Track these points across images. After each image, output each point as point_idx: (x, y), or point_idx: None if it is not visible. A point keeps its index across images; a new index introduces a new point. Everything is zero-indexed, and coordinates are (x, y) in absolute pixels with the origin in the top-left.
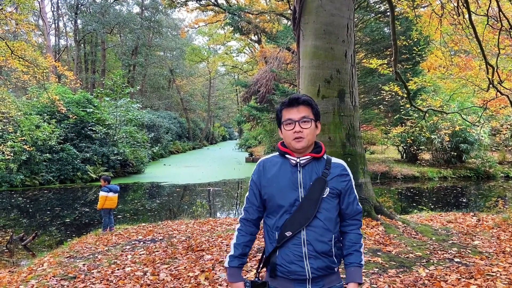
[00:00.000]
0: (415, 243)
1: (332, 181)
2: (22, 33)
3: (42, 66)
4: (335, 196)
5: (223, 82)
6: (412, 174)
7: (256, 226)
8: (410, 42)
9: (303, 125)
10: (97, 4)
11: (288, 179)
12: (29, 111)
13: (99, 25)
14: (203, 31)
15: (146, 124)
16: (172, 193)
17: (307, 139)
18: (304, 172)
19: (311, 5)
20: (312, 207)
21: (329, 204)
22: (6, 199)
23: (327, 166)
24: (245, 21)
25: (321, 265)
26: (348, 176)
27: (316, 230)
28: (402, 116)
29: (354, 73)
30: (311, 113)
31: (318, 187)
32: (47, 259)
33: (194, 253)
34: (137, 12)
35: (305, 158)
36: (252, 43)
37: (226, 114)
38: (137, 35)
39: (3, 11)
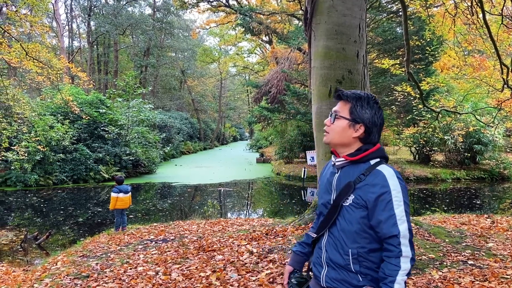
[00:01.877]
0: (428, 245)
1: (361, 189)
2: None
3: (56, 67)
4: (360, 208)
5: (234, 82)
6: (425, 175)
7: None
8: (423, 42)
9: (332, 120)
10: (109, 6)
11: (327, 180)
12: (43, 111)
13: (111, 27)
14: (214, 32)
15: (157, 124)
16: (184, 193)
17: (331, 135)
18: (340, 175)
19: (323, 6)
20: (334, 213)
21: (350, 215)
22: (20, 199)
23: (366, 172)
24: (256, 21)
25: (335, 276)
26: (385, 188)
27: (333, 238)
28: (414, 117)
29: (366, 73)
30: (346, 111)
31: (343, 192)
32: (61, 258)
33: (205, 253)
34: (149, 14)
35: (340, 160)
36: (263, 43)
37: (237, 114)
38: (149, 36)
39: (18, 13)
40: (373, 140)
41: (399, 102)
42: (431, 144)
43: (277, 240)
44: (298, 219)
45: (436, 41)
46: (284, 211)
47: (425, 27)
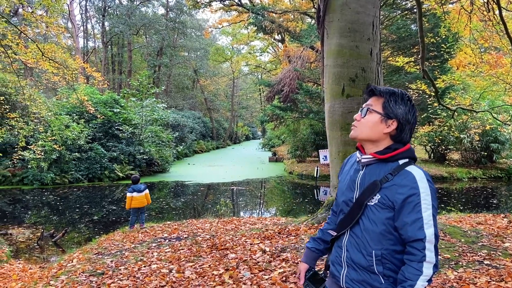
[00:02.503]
0: (444, 245)
1: (388, 189)
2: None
3: (71, 67)
4: (386, 208)
5: (246, 81)
6: (440, 175)
7: None
8: (438, 39)
9: (363, 114)
10: (123, 6)
11: (350, 177)
12: (59, 111)
13: (125, 27)
14: (227, 31)
15: (171, 123)
16: (196, 192)
17: (359, 130)
18: (365, 173)
19: (336, 3)
20: (357, 211)
21: (375, 215)
22: (37, 197)
23: (394, 172)
24: (268, 20)
25: (356, 277)
26: (414, 190)
27: (356, 238)
28: (429, 115)
29: (380, 71)
30: (379, 104)
31: (369, 191)
32: (77, 256)
33: (218, 251)
34: (162, 14)
35: (367, 157)
36: (276, 42)
37: (250, 113)
38: (162, 36)
39: (33, 14)
40: (404, 139)
41: (413, 100)
42: (446, 142)
43: (290, 239)
44: (311, 218)
45: (452, 38)
46: (296, 210)
47: (440, 24)
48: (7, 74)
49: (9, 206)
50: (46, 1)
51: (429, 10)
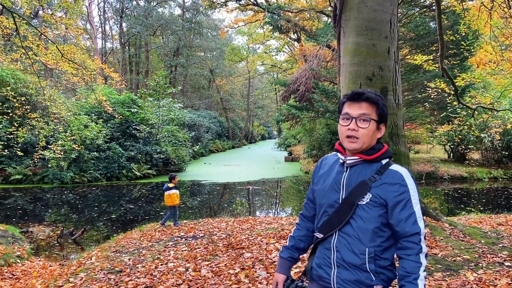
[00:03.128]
0: (463, 246)
1: (378, 188)
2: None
3: (90, 68)
4: (378, 206)
5: (262, 81)
6: (460, 175)
7: (313, 223)
8: (458, 37)
9: (360, 124)
10: (141, 8)
11: (333, 179)
12: (78, 111)
13: (142, 28)
14: (243, 31)
15: (187, 123)
16: (212, 191)
17: (362, 140)
18: (350, 174)
19: (352, 1)
20: (347, 212)
21: (368, 213)
22: (57, 195)
23: (380, 171)
24: (284, 19)
25: (349, 277)
26: (404, 188)
27: (347, 238)
28: (449, 114)
29: (397, 70)
30: (374, 112)
31: (358, 191)
32: (95, 253)
33: (234, 250)
34: (179, 14)
35: (353, 158)
36: (292, 41)
37: (265, 113)
38: (178, 36)
39: (53, 16)
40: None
41: (432, 99)
42: (466, 142)
43: None
44: None
45: (472, 35)
46: None
47: (459, 21)
48: (28, 75)
49: (30, 204)
50: (65, 3)
51: (448, 7)
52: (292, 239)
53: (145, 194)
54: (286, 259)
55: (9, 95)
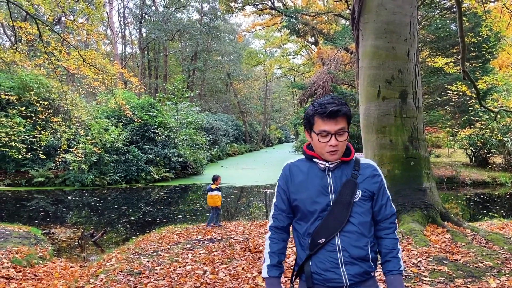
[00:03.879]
0: (485, 252)
1: (364, 182)
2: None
3: (110, 73)
4: (368, 199)
5: (279, 84)
6: (482, 179)
7: (287, 233)
8: (479, 39)
9: (339, 138)
10: (160, 13)
11: (318, 184)
12: (99, 115)
13: (161, 33)
14: (260, 34)
15: (204, 127)
16: (230, 195)
17: (341, 151)
18: (334, 176)
19: (371, 4)
20: (344, 212)
21: (362, 208)
22: (78, 198)
23: (356, 167)
24: (302, 23)
25: (358, 271)
26: (380, 177)
27: (351, 236)
28: (470, 118)
29: (417, 72)
30: (346, 123)
31: (348, 190)
32: (115, 255)
33: (251, 254)
34: (197, 19)
35: (335, 162)
36: (309, 45)
37: (283, 116)
38: (196, 41)
39: (75, 22)
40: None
41: (453, 102)
42: (489, 146)
43: None
44: None
45: (494, 37)
46: None
47: (481, 24)
48: (50, 80)
49: (52, 206)
50: (87, 9)
51: (469, 9)
52: (273, 254)
53: (163, 196)
54: (278, 277)
55: (33, 99)
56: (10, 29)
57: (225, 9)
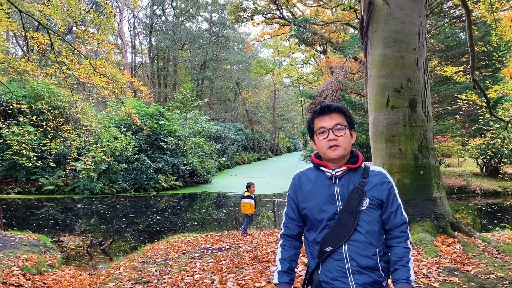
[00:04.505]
0: (497, 263)
1: (372, 190)
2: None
3: (120, 82)
4: (377, 207)
5: (288, 93)
6: (493, 189)
7: (298, 240)
8: (489, 48)
9: (337, 133)
10: (169, 23)
11: (325, 193)
12: (108, 123)
13: (171, 42)
14: (268, 43)
15: (213, 135)
16: (238, 203)
17: (343, 147)
18: (341, 184)
19: (380, 14)
20: (351, 220)
21: (370, 216)
22: (87, 206)
23: (365, 175)
24: (310, 32)
25: (367, 280)
26: (390, 184)
27: (358, 245)
28: (481, 127)
29: (426, 81)
30: (344, 120)
31: (355, 198)
32: (123, 264)
33: (260, 263)
34: (206, 28)
35: (341, 170)
36: (318, 53)
37: (291, 125)
38: (205, 50)
39: (86, 32)
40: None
41: (463, 111)
42: (500, 155)
43: None
44: None
45: (504, 46)
46: None
47: (491, 32)
48: (61, 89)
49: (62, 214)
50: (98, 19)
51: (479, 18)
52: (284, 261)
53: (172, 205)
54: (288, 283)
55: (44, 108)
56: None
57: (234, 19)
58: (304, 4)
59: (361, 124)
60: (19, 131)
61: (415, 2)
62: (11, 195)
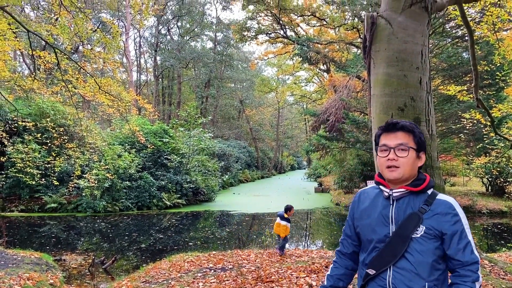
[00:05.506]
0: (504, 285)
1: (431, 219)
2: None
3: (125, 100)
4: (433, 238)
5: (291, 111)
6: (499, 209)
7: (352, 260)
8: (492, 67)
9: (398, 153)
10: (174, 42)
11: (379, 213)
12: (113, 141)
13: (176, 61)
14: (272, 62)
15: (217, 153)
16: (241, 222)
17: (403, 169)
18: (398, 206)
19: (382, 33)
20: (400, 246)
21: (423, 246)
22: (90, 224)
23: (428, 202)
24: (313, 51)
25: None
26: (457, 217)
27: (404, 273)
28: (486, 146)
29: (430, 100)
30: (411, 140)
31: (410, 224)
32: (125, 283)
33: (263, 284)
34: (210, 47)
35: (399, 191)
36: (321, 72)
37: (295, 143)
38: (210, 68)
39: (92, 51)
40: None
41: (467, 130)
42: (505, 174)
43: None
44: None
45: (507, 65)
46: None
47: (494, 52)
48: (66, 107)
49: (64, 232)
50: (104, 39)
51: (481, 38)
52: (330, 278)
53: (175, 223)
54: None
55: (49, 126)
56: (30, 57)
57: (238, 38)
58: (308, 24)
59: (365, 142)
60: (23, 148)
61: (417, 22)
62: (14, 213)
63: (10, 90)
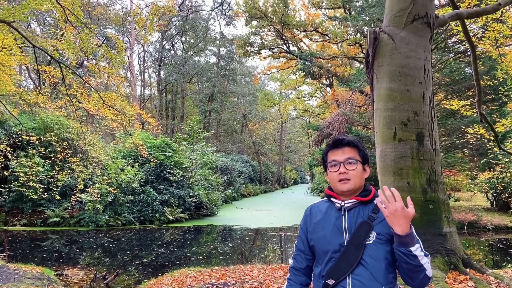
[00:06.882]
0: None
1: (380, 225)
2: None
3: (129, 114)
4: (385, 242)
5: (294, 125)
6: (505, 224)
7: (306, 276)
8: (495, 82)
9: (348, 167)
10: (178, 57)
11: (333, 224)
12: (116, 155)
13: (179, 76)
14: (275, 77)
15: (219, 167)
16: (244, 237)
17: (353, 181)
18: (349, 217)
19: (385, 48)
20: (356, 253)
21: (376, 252)
22: (92, 238)
23: (376, 210)
24: (316, 66)
25: None
26: None
27: (362, 280)
28: (490, 160)
29: (433, 115)
30: (357, 154)
31: (362, 232)
32: None
33: None
34: (214, 62)
35: (351, 201)
36: (324, 87)
37: (298, 157)
38: (213, 83)
39: (97, 65)
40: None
41: (471, 144)
42: (510, 190)
43: None
44: None
45: (510, 80)
46: None
47: (496, 67)
48: (71, 121)
49: (66, 247)
50: (109, 54)
51: (484, 53)
52: None
53: (177, 238)
54: None
55: (53, 140)
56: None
57: (242, 53)
58: (310, 39)
59: (367, 156)
60: (27, 162)
61: (419, 37)
62: (17, 227)
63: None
